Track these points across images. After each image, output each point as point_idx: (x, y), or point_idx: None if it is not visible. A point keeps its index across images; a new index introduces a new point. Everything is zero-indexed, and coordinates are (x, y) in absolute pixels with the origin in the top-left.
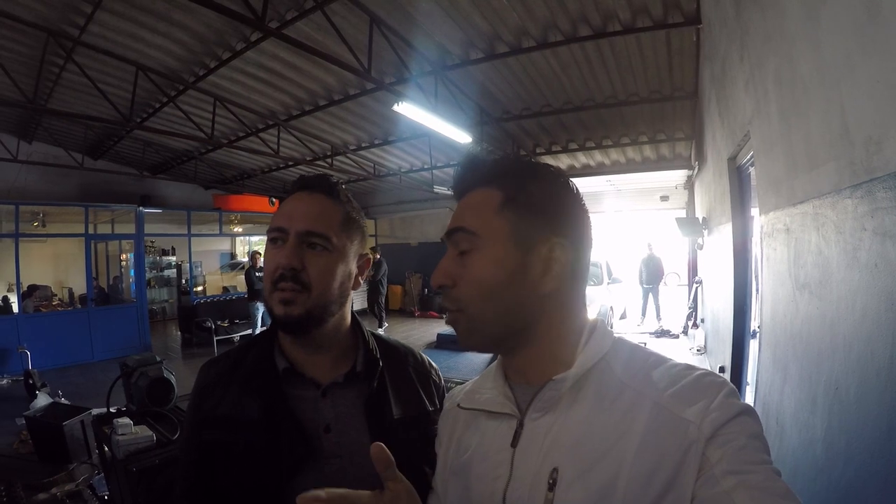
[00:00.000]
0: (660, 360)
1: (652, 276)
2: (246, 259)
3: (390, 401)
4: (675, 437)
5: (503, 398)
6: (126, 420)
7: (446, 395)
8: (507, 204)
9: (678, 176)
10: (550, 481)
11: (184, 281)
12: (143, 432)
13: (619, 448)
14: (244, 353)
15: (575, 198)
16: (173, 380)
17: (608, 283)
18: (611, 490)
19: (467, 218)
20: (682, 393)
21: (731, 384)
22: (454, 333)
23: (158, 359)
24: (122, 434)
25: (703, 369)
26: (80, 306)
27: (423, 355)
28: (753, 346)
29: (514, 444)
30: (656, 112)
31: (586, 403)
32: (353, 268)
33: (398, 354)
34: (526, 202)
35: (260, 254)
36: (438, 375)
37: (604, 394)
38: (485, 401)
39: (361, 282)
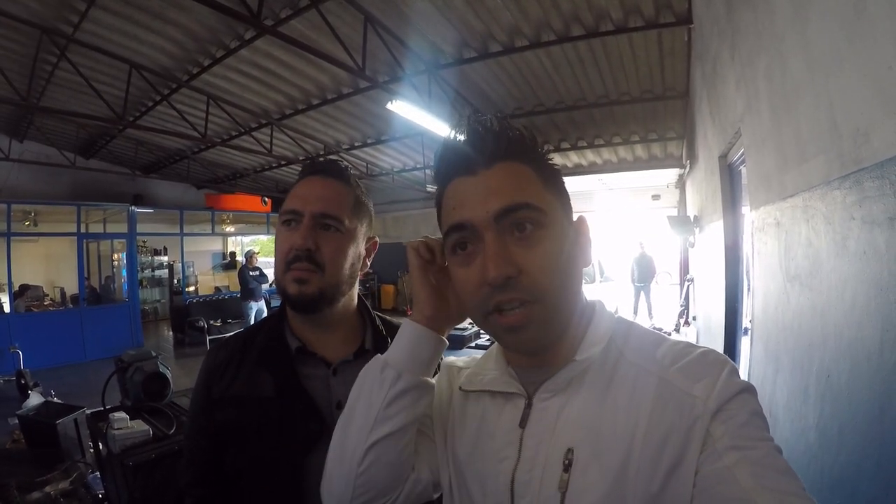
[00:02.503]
0: (661, 338)
1: (644, 274)
2: (240, 259)
3: None
4: (682, 411)
5: (508, 378)
6: (122, 414)
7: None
8: (544, 180)
9: (670, 175)
10: (566, 462)
11: (176, 281)
12: (140, 427)
13: (630, 424)
14: (253, 334)
15: None
16: (169, 374)
17: (600, 282)
18: (624, 467)
19: (524, 193)
20: (688, 369)
21: (732, 362)
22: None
23: (154, 353)
24: (119, 428)
25: (704, 347)
26: (71, 306)
27: None
28: (745, 343)
29: (522, 424)
30: (648, 111)
31: (595, 384)
32: (362, 249)
33: None
34: (553, 176)
35: (256, 253)
36: None
37: (611, 373)
38: (489, 381)
39: (368, 263)
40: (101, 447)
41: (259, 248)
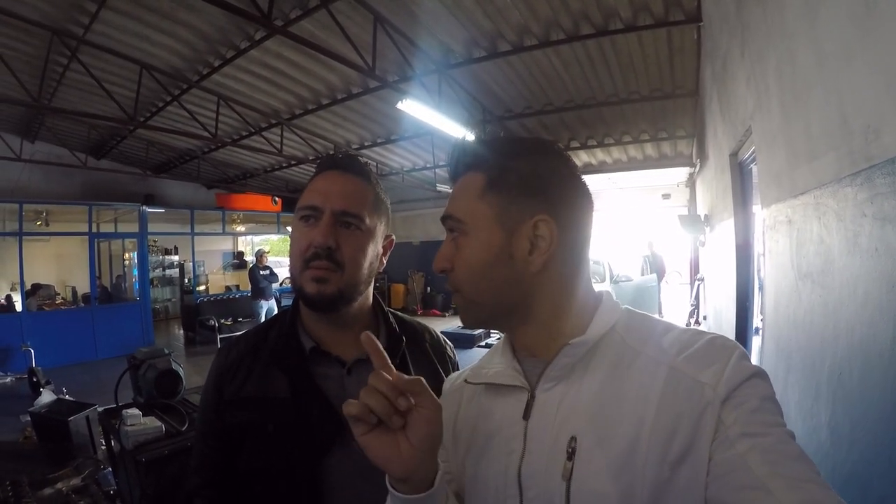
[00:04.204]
0: (669, 327)
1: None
2: (250, 258)
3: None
4: (692, 399)
5: (512, 371)
6: (135, 411)
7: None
8: (489, 187)
9: (680, 174)
10: (569, 450)
11: (186, 280)
12: (152, 423)
13: (637, 412)
14: (264, 333)
15: (564, 171)
16: (181, 371)
17: (612, 283)
18: (631, 455)
19: (454, 205)
20: (696, 356)
21: (742, 347)
22: (456, 331)
23: (166, 351)
24: (132, 425)
25: (713, 333)
26: (83, 305)
27: (438, 332)
28: (756, 342)
29: (525, 416)
30: (658, 110)
31: (600, 371)
32: (380, 248)
33: (415, 332)
34: (508, 182)
35: (266, 252)
36: (452, 351)
37: (617, 361)
38: (493, 374)
39: (385, 262)
40: (113, 444)
41: (269, 247)
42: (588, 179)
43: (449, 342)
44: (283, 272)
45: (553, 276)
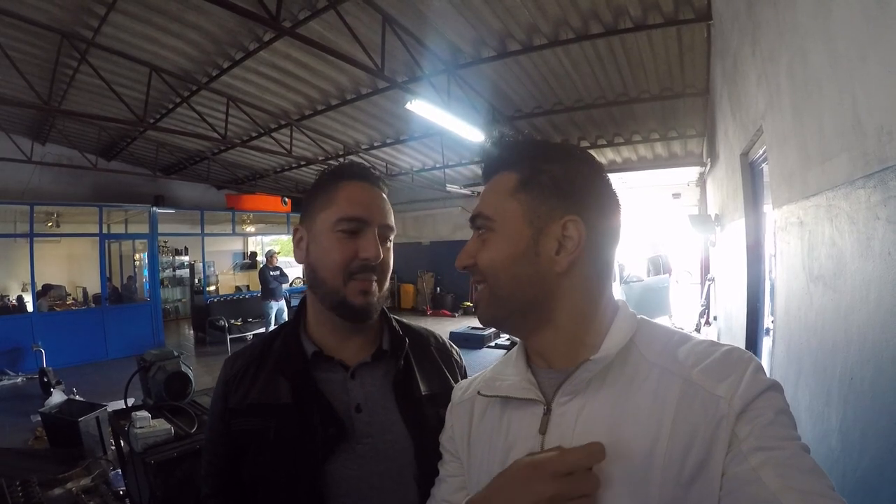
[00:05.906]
0: (684, 338)
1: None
2: (261, 259)
3: (417, 378)
4: (706, 412)
5: (527, 384)
6: (144, 413)
7: (455, 385)
8: (521, 186)
9: (690, 173)
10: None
11: (197, 280)
12: (161, 425)
13: (653, 426)
14: (269, 342)
15: (594, 175)
16: (191, 374)
17: (623, 283)
18: (648, 469)
19: (485, 203)
20: (712, 369)
21: (758, 359)
22: (466, 332)
23: (176, 353)
24: (141, 427)
25: (728, 345)
26: (94, 305)
27: (444, 337)
28: (766, 343)
29: (542, 431)
30: (668, 109)
31: (616, 385)
32: None
33: (420, 336)
34: (540, 183)
35: (276, 253)
36: (459, 355)
37: (632, 374)
38: (507, 387)
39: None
40: (123, 445)
41: (279, 247)
42: None
43: (455, 346)
44: (293, 273)
45: (577, 278)
